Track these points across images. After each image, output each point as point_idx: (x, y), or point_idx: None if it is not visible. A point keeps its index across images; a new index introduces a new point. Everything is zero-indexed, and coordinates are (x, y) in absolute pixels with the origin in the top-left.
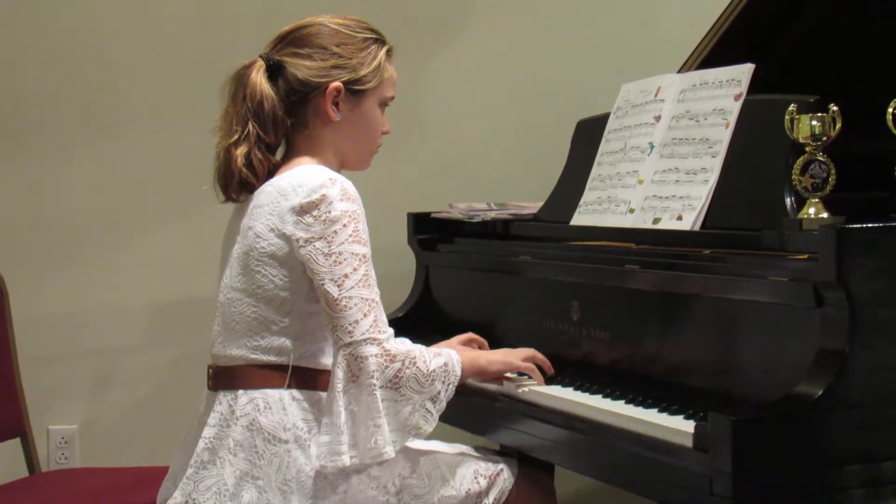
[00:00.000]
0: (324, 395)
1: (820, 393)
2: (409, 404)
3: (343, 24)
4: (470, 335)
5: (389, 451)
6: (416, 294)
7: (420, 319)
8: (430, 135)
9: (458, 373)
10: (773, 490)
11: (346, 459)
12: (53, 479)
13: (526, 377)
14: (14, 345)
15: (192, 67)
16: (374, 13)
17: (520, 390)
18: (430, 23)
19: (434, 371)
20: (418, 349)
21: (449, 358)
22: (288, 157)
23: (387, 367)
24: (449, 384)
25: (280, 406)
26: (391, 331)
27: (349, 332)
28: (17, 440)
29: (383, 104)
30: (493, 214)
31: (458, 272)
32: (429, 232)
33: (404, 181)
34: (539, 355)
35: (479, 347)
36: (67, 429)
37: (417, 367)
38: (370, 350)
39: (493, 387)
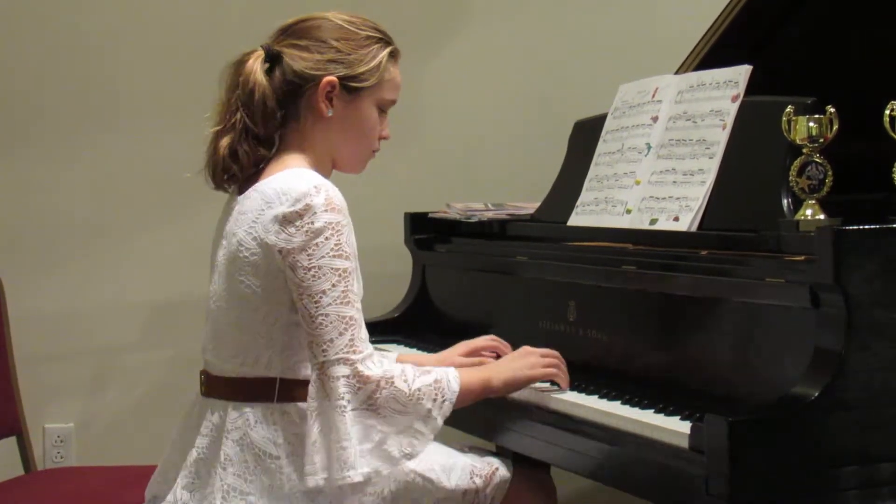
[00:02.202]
0: None
1: (817, 394)
2: (394, 425)
3: (348, 21)
4: (487, 341)
5: (353, 475)
6: (413, 294)
7: (416, 319)
8: (428, 135)
9: (455, 388)
10: (769, 491)
11: (315, 481)
12: (49, 477)
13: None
14: (10, 343)
15: (190, 66)
16: (371, 12)
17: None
18: (428, 23)
19: (420, 389)
20: (399, 369)
21: (443, 375)
22: (278, 153)
23: (359, 388)
24: (443, 401)
25: (270, 421)
26: (368, 350)
27: (323, 351)
28: (13, 439)
29: (382, 107)
30: (490, 215)
31: (455, 272)
32: (426, 232)
33: (401, 181)
34: (561, 367)
35: (497, 354)
36: (63, 427)
37: (395, 387)
38: (341, 371)
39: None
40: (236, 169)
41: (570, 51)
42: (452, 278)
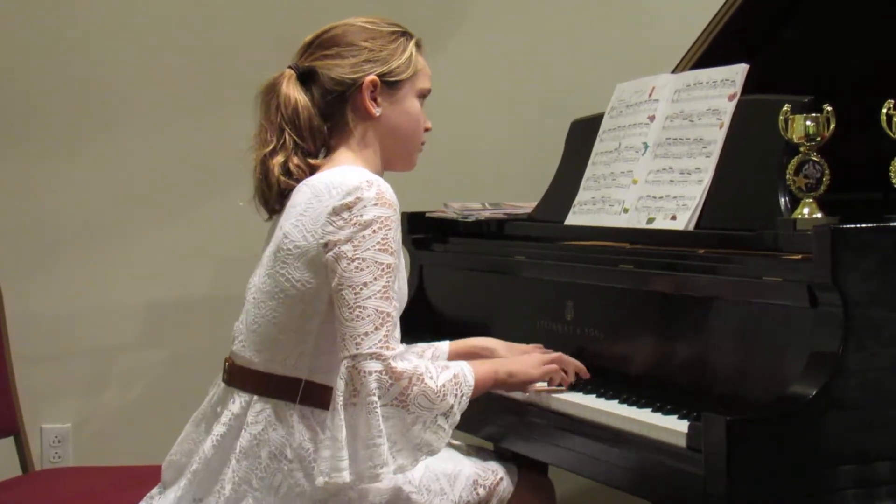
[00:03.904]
0: None
1: (814, 393)
2: (420, 422)
3: (368, 21)
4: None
5: (386, 472)
6: (410, 294)
7: (414, 319)
8: (425, 134)
9: (471, 383)
10: (766, 490)
11: (346, 476)
12: (47, 477)
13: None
14: (8, 343)
15: (185, 69)
16: (370, 13)
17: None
18: (426, 23)
19: (444, 385)
20: (424, 365)
21: (459, 369)
22: (328, 158)
23: (391, 384)
24: (462, 396)
25: (289, 423)
26: (401, 348)
27: (356, 344)
28: (11, 439)
29: (421, 96)
30: (487, 214)
31: (453, 272)
32: (423, 231)
33: (399, 181)
34: (566, 358)
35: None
36: (61, 427)
37: (425, 384)
38: (373, 366)
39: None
40: (292, 185)
41: (567, 50)
42: (450, 278)
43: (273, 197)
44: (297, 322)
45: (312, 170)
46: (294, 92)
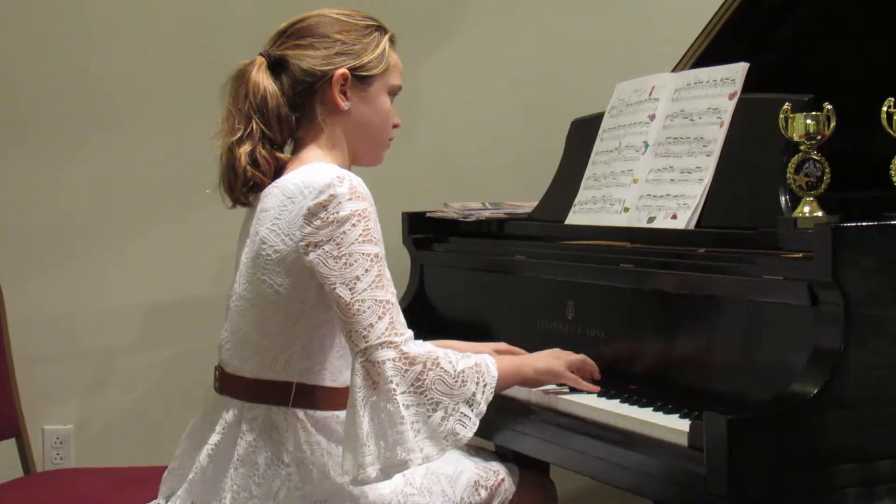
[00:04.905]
0: (328, 414)
1: (815, 392)
2: (441, 409)
3: (343, 13)
4: (505, 346)
5: (415, 459)
6: (411, 293)
7: (415, 319)
8: (425, 134)
9: (494, 373)
10: (767, 488)
11: (370, 472)
12: (48, 479)
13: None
14: (9, 345)
15: (185, 68)
16: (369, 10)
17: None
18: (425, 21)
19: (463, 371)
20: (442, 351)
21: (481, 358)
22: (296, 153)
23: (406, 370)
24: (485, 385)
25: (284, 427)
26: (410, 333)
27: (364, 337)
28: (13, 440)
29: (392, 93)
30: (487, 214)
31: (453, 271)
32: (424, 231)
33: (399, 180)
34: (589, 362)
35: None
36: (62, 429)
37: (442, 368)
38: (387, 354)
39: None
40: (259, 177)
41: (567, 49)
42: (450, 278)
43: (238, 186)
44: (283, 326)
45: (279, 164)
46: (263, 79)
